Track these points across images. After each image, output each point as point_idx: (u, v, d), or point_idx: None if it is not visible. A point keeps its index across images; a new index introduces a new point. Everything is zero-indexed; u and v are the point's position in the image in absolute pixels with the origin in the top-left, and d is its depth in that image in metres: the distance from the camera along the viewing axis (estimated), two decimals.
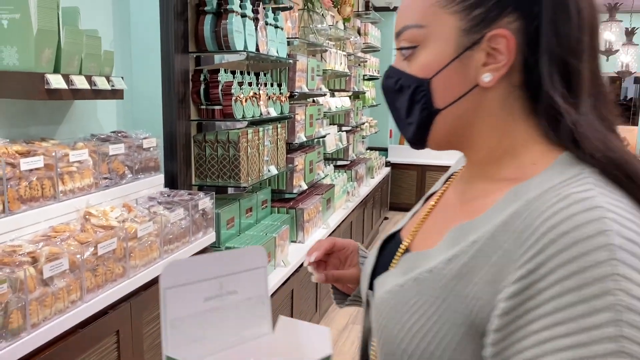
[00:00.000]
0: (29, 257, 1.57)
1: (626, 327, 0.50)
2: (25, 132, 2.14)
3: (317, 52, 4.53)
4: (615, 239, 0.53)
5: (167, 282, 0.68)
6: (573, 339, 0.51)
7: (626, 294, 0.51)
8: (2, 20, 1.88)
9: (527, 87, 0.66)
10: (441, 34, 0.66)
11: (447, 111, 0.68)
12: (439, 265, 0.65)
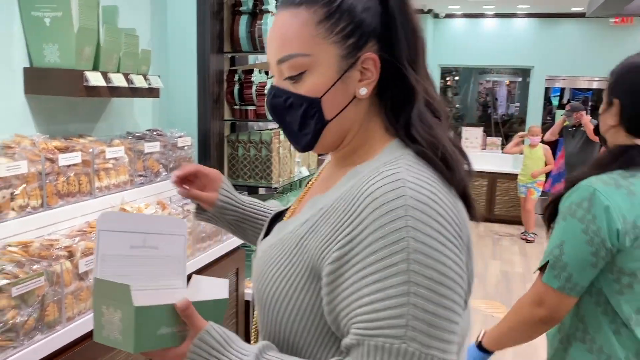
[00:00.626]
0: (65, 252, 1.59)
1: (413, 263, 0.70)
2: (64, 128, 2.18)
3: None
4: (409, 200, 0.71)
5: (102, 225, 0.88)
6: (379, 274, 0.70)
7: (414, 240, 0.70)
8: (45, 18, 1.92)
9: (380, 93, 0.85)
10: (324, 60, 0.81)
11: (333, 121, 0.84)
12: (296, 227, 0.84)
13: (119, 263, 0.90)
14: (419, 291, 0.69)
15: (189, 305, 0.80)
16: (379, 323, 0.69)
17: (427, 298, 0.69)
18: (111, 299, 0.81)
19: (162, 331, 0.80)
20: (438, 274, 0.70)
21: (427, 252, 0.70)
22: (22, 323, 1.39)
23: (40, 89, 1.98)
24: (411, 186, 0.73)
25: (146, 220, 0.97)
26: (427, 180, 0.75)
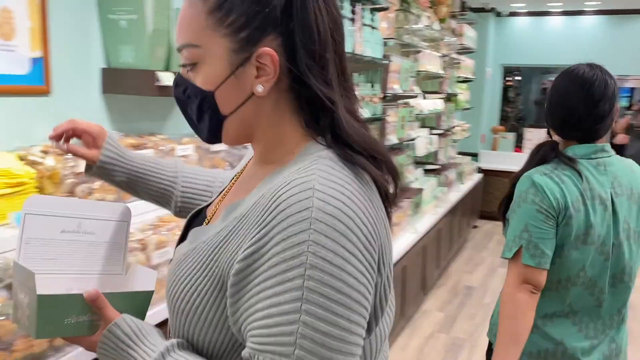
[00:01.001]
0: (139, 244, 1.66)
1: (309, 280, 0.65)
2: (136, 126, 2.27)
3: (411, 53, 4.47)
4: (315, 212, 0.66)
5: (28, 209, 0.86)
6: (275, 289, 0.66)
7: (314, 255, 0.65)
8: (121, 21, 2.01)
9: (292, 90, 0.77)
10: (215, 54, 0.76)
11: (232, 117, 0.80)
12: (210, 237, 0.78)
13: (46, 247, 0.88)
14: (312, 309, 0.65)
15: (97, 295, 0.80)
16: (268, 339, 0.66)
17: (320, 317, 0.65)
18: (24, 285, 0.81)
19: (70, 320, 0.80)
20: (335, 291, 0.66)
21: (326, 268, 0.66)
22: None
23: (115, 88, 2.08)
24: (320, 196, 0.67)
25: (84, 205, 0.93)
26: (340, 189, 0.70)
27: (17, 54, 1.76)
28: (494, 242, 6.43)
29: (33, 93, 1.82)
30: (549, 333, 1.59)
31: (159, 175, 1.14)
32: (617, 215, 1.55)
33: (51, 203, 0.89)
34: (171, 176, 1.15)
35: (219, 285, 0.74)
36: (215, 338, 0.76)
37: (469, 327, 4.03)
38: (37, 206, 0.87)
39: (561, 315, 1.59)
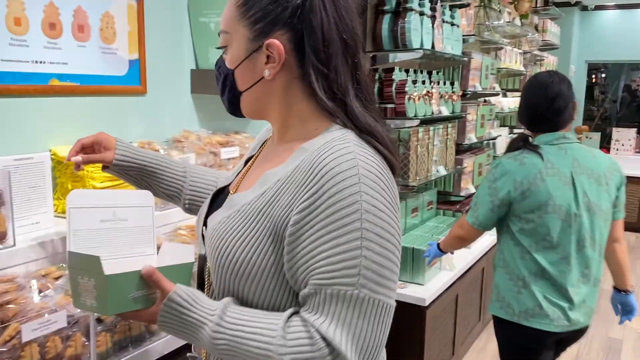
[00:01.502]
0: None
1: (365, 222, 0.82)
2: (222, 125, 2.36)
3: (492, 50, 4.35)
4: (361, 170, 0.84)
5: (72, 203, 0.99)
6: (336, 232, 0.81)
7: (366, 203, 0.82)
8: (210, 23, 2.10)
9: (304, 78, 0.91)
10: (237, 39, 0.93)
11: (246, 93, 0.96)
12: (254, 199, 0.92)
13: (90, 236, 1.00)
14: (370, 245, 0.82)
15: (153, 271, 0.90)
16: (334, 274, 0.81)
17: (376, 252, 0.82)
18: (85, 270, 0.87)
19: (133, 295, 0.88)
20: (385, 232, 0.83)
21: (377, 213, 0.83)
22: None
23: (203, 88, 2.17)
24: (362, 159, 0.85)
25: (114, 195, 1.06)
26: (373, 156, 0.87)
27: (117, 56, 1.88)
28: None
29: (131, 93, 1.94)
30: (533, 292, 1.91)
31: (169, 171, 1.26)
32: (576, 190, 1.88)
33: (89, 196, 1.03)
34: (181, 172, 1.27)
35: (272, 236, 0.87)
36: (269, 285, 0.89)
37: None
38: (79, 200, 1.00)
39: (543, 277, 1.90)
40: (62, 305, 1.21)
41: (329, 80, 0.90)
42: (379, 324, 0.84)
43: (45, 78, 1.67)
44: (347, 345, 0.81)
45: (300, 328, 0.84)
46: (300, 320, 0.85)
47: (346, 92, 0.91)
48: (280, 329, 0.84)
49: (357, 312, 0.82)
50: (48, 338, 1.18)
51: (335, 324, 0.82)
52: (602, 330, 3.97)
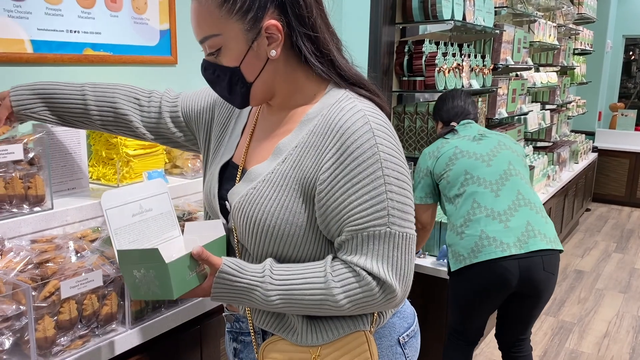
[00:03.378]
0: None
1: (386, 169, 0.93)
2: None
3: (525, 23, 4.24)
4: (372, 124, 0.94)
5: (106, 205, 1.07)
6: (362, 183, 0.92)
7: (384, 153, 0.93)
8: None
9: (294, 47, 0.98)
10: (234, 36, 0.95)
11: (256, 82, 0.99)
12: (276, 167, 0.99)
13: (129, 231, 1.08)
14: (393, 188, 0.93)
15: (202, 250, 0.96)
16: (367, 218, 0.92)
17: (398, 193, 0.94)
18: (142, 263, 0.92)
19: (189, 276, 0.96)
20: (402, 175, 0.95)
21: (393, 160, 0.94)
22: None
23: None
24: (370, 114, 0.94)
25: (136, 189, 1.14)
26: (374, 108, 0.97)
27: (149, 26, 1.90)
28: (609, 227, 6.01)
29: (162, 63, 1.97)
30: (470, 234, 2.02)
31: (68, 90, 1.31)
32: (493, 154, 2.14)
33: (118, 194, 1.10)
34: (78, 88, 1.32)
35: (302, 196, 0.96)
36: (306, 239, 0.98)
37: (578, 311, 3.83)
38: (111, 201, 1.08)
39: (473, 218, 2.03)
40: (98, 265, 1.26)
41: (316, 43, 0.97)
42: (409, 252, 0.96)
43: (80, 47, 1.70)
44: (389, 275, 0.94)
45: (344, 269, 0.95)
46: (341, 262, 0.96)
47: (330, 50, 0.99)
48: (328, 273, 0.95)
49: (392, 246, 0.94)
50: (85, 296, 1.23)
51: (376, 259, 0.94)
52: (633, 308, 3.92)
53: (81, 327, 1.23)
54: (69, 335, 1.20)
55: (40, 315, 1.15)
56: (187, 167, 1.80)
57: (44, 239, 1.32)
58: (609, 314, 3.83)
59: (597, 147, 6.73)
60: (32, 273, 1.19)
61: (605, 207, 6.77)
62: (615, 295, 4.15)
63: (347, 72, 1.01)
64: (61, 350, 1.19)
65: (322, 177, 0.94)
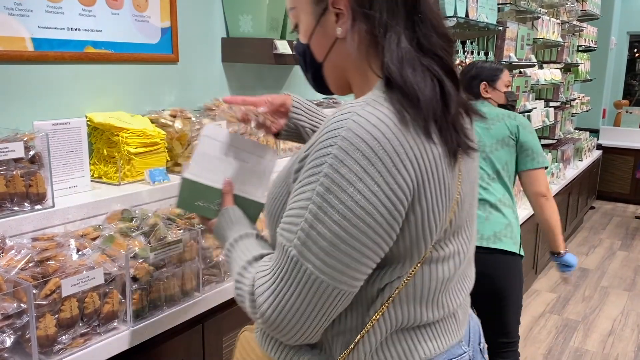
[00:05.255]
0: None
1: (319, 185, 0.76)
2: (253, 94, 2.35)
3: (528, 20, 4.22)
4: (345, 132, 0.75)
5: (206, 132, 1.11)
6: (300, 189, 0.79)
7: (329, 166, 0.75)
8: None
9: (367, 34, 0.85)
10: (303, 10, 0.91)
11: (326, 63, 0.93)
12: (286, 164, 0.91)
13: (210, 161, 1.11)
14: (314, 210, 0.76)
15: (229, 190, 1.05)
16: (284, 225, 0.80)
17: (318, 219, 0.76)
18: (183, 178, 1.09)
19: (199, 203, 1.07)
20: (339, 202, 0.75)
21: (337, 180, 0.75)
22: (223, 262, 1.57)
23: (234, 57, 2.17)
24: (356, 119, 0.75)
25: (246, 141, 1.15)
26: (376, 121, 0.76)
27: (149, 24, 1.89)
28: (614, 224, 5.98)
29: (163, 61, 1.96)
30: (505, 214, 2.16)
31: None
32: None
33: (224, 134, 1.13)
34: None
35: (287, 187, 0.87)
36: None
37: (583, 309, 3.82)
38: (212, 132, 1.12)
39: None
40: (100, 263, 1.25)
41: (364, 23, 0.84)
42: (302, 294, 0.78)
43: (81, 45, 1.70)
44: (266, 298, 0.80)
45: (251, 271, 0.87)
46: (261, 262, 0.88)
47: (385, 32, 0.82)
48: (247, 264, 0.89)
49: (286, 270, 0.79)
50: (86, 294, 1.22)
51: (268, 274, 0.82)
52: (638, 306, 3.89)
53: (82, 325, 1.23)
54: (70, 334, 1.20)
55: (42, 313, 1.14)
56: None
57: (45, 237, 1.32)
58: (613, 312, 3.81)
59: (602, 145, 6.71)
60: (33, 271, 1.18)
61: (610, 205, 6.74)
62: (620, 293, 4.13)
63: (391, 66, 0.80)
64: (62, 348, 1.18)
65: (295, 173, 0.84)
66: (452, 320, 0.93)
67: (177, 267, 1.43)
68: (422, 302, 0.86)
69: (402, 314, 0.86)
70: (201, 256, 1.49)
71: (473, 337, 1.00)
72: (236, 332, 1.64)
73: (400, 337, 0.87)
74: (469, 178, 0.90)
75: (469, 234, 0.93)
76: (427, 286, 0.86)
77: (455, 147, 0.81)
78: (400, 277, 0.84)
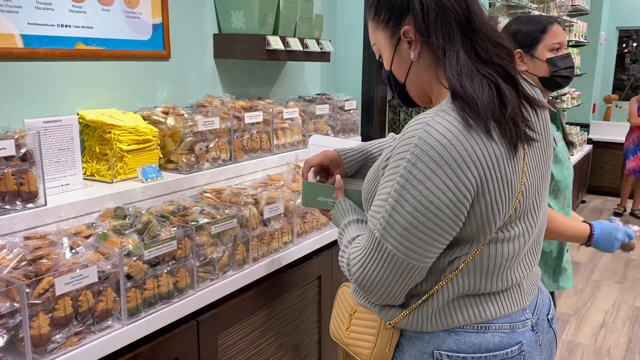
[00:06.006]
0: (252, 199, 1.74)
1: (397, 183, 0.95)
2: (245, 91, 2.36)
3: (519, 15, 4.23)
4: (417, 140, 0.92)
5: (313, 141, 1.46)
6: (384, 184, 0.99)
7: (404, 168, 0.94)
8: None
9: (434, 54, 1.02)
10: (383, 43, 1.10)
11: (407, 82, 1.10)
12: None
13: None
14: (392, 203, 0.96)
15: (340, 185, 1.28)
16: (371, 213, 1.01)
17: (396, 209, 0.95)
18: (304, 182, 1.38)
19: (320, 198, 1.33)
20: (411, 196, 0.93)
21: (410, 178, 0.93)
22: (217, 259, 1.56)
23: (226, 53, 2.16)
24: (427, 129, 0.92)
25: (344, 142, 1.41)
26: (443, 129, 0.92)
27: (141, 20, 1.88)
28: (604, 218, 6.02)
29: (155, 57, 1.95)
30: None
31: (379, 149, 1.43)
32: None
33: (326, 140, 1.45)
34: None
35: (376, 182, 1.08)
36: None
37: (575, 303, 3.85)
38: (318, 141, 1.47)
39: None
40: (93, 262, 1.24)
41: (430, 46, 1.01)
42: (384, 267, 0.99)
43: (71, 42, 1.68)
44: (358, 269, 1.03)
45: (349, 247, 1.11)
46: (357, 240, 1.11)
47: (444, 53, 0.99)
48: (348, 243, 1.13)
49: (372, 247, 1.00)
50: (80, 292, 1.21)
51: (360, 249, 1.05)
52: (629, 298, 3.93)
53: (76, 324, 1.22)
54: (64, 332, 1.19)
55: (35, 312, 1.13)
56: (182, 162, 1.79)
57: (37, 236, 1.31)
58: (605, 304, 3.85)
59: (592, 139, 6.75)
60: (25, 270, 1.17)
61: (601, 199, 6.79)
62: (611, 286, 4.17)
63: (452, 80, 0.96)
64: (56, 347, 1.17)
65: (382, 166, 1.04)
66: (517, 291, 1.09)
67: (171, 264, 1.42)
68: (487, 275, 1.03)
69: (468, 282, 1.03)
70: (195, 253, 1.48)
71: (541, 307, 1.15)
72: (231, 329, 1.64)
73: (466, 300, 1.05)
74: (536, 168, 1.04)
75: (535, 218, 1.06)
76: (492, 261, 1.02)
77: (516, 140, 0.95)
78: (467, 254, 1.01)
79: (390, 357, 1.11)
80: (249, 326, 1.71)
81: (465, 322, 1.04)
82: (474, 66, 0.98)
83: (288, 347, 1.92)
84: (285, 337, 1.89)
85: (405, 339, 1.09)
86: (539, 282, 1.19)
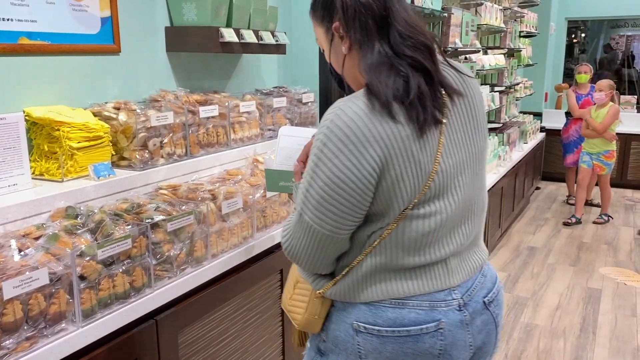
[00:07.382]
0: (209, 195, 1.71)
1: (313, 160, 1.05)
2: (200, 85, 2.32)
3: (472, 6, 4.31)
4: (329, 122, 1.03)
5: (284, 132, 1.49)
6: (311, 156, 1.07)
7: (318, 147, 1.04)
8: None
9: (353, 48, 1.12)
10: (322, 38, 1.20)
11: (344, 73, 1.18)
12: None
13: (289, 152, 1.46)
14: (307, 178, 1.06)
15: (298, 169, 1.28)
16: (300, 190, 1.10)
17: (311, 185, 1.05)
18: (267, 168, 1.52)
19: (282, 183, 1.47)
20: (321, 171, 1.03)
21: (321, 156, 1.03)
22: (175, 256, 1.53)
23: (179, 46, 2.12)
24: (338, 112, 1.02)
25: (311, 131, 1.43)
26: (351, 113, 1.01)
27: (88, 14, 1.82)
28: (558, 204, 6.22)
29: (104, 52, 1.89)
30: None
31: None
32: None
33: (294, 130, 1.49)
34: None
35: None
36: None
37: (532, 286, 3.96)
38: (287, 131, 1.49)
39: None
40: (44, 263, 1.20)
41: (350, 41, 1.11)
42: (304, 238, 1.10)
43: (14, 36, 1.61)
44: (285, 240, 1.15)
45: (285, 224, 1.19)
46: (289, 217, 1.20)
47: (361, 45, 1.08)
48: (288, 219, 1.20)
49: (295, 220, 1.11)
50: (30, 295, 1.17)
51: (288, 224, 1.16)
52: (582, 280, 4.07)
53: (28, 329, 1.18)
54: (15, 338, 1.15)
55: None
56: (135, 159, 1.74)
57: None
58: (560, 287, 3.98)
59: (545, 127, 6.94)
60: None
61: (554, 185, 7.00)
62: (565, 269, 4.31)
63: (365, 72, 1.06)
64: (7, 353, 1.13)
65: None
66: (441, 270, 1.13)
67: (127, 263, 1.39)
68: (404, 249, 1.09)
69: (386, 256, 1.10)
70: (151, 251, 1.45)
71: (478, 290, 1.18)
72: (192, 327, 1.62)
73: (386, 275, 1.11)
74: (459, 149, 1.11)
75: (457, 197, 1.11)
76: (408, 237, 1.08)
77: (422, 123, 1.03)
78: (382, 228, 1.08)
79: (319, 324, 1.20)
80: (210, 323, 1.69)
81: (383, 296, 1.12)
82: (387, 59, 1.06)
83: (251, 341, 1.90)
84: (247, 332, 1.88)
85: (335, 310, 1.18)
86: (483, 265, 1.24)
